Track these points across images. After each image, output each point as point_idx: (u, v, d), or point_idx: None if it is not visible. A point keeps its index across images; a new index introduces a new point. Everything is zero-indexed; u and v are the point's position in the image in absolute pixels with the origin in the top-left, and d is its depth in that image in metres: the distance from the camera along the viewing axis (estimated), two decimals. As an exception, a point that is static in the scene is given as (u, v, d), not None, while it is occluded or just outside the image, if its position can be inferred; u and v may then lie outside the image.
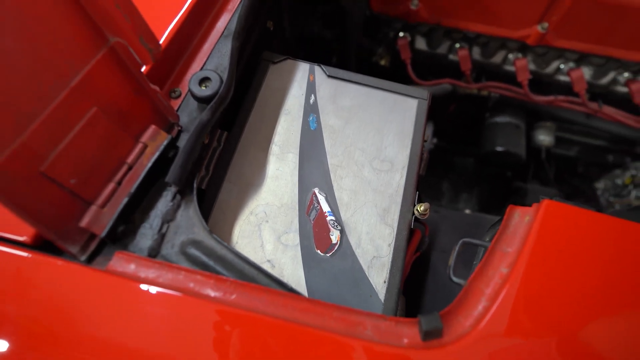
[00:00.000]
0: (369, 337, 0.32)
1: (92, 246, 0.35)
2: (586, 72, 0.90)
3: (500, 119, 1.04)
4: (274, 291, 0.33)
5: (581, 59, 0.88)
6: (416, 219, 0.49)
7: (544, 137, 1.07)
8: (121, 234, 0.36)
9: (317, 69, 0.57)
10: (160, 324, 0.32)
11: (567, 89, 0.92)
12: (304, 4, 0.76)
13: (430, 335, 0.32)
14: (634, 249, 0.36)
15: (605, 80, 0.91)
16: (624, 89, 0.90)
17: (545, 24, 0.80)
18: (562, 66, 0.91)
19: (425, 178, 0.55)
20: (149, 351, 0.31)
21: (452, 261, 0.38)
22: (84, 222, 0.34)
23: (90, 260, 0.35)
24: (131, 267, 0.34)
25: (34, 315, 0.32)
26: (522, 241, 0.36)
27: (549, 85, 0.96)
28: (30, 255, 0.33)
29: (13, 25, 0.29)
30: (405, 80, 0.97)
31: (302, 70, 0.57)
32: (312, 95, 0.55)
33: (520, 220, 0.38)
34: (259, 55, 0.56)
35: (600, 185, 1.15)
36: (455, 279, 0.37)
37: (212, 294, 0.32)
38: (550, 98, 0.93)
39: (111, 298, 0.33)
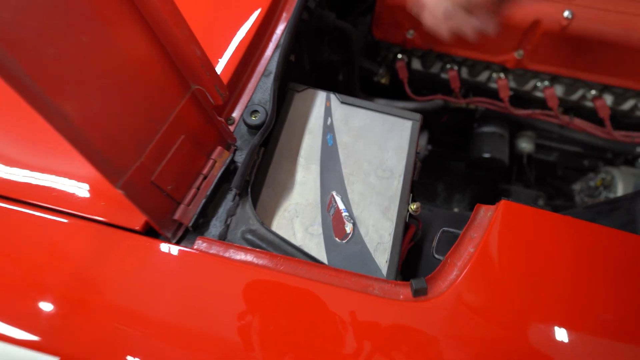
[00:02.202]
0: (376, 294, 0.46)
1: (180, 233, 0.50)
2: (558, 89, 1.05)
3: (487, 128, 1.19)
4: (309, 263, 0.48)
5: (553, 79, 1.02)
6: (411, 215, 0.64)
7: (525, 145, 1.22)
8: (199, 225, 0.51)
9: (332, 97, 0.71)
10: (231, 284, 0.46)
11: (543, 104, 1.07)
12: (317, 36, 0.91)
13: (418, 292, 0.47)
14: (569, 238, 0.51)
15: (575, 96, 1.06)
16: (591, 104, 1.05)
17: (521, 51, 0.94)
18: (538, 84, 1.06)
19: (422, 181, 0.69)
20: (226, 303, 0.45)
21: (434, 243, 0.53)
22: (176, 216, 0.49)
23: (179, 242, 0.49)
24: (209, 247, 0.48)
25: (142, 278, 0.47)
26: (484, 229, 0.51)
27: (527, 101, 1.11)
28: (140, 239, 0.48)
29: (138, 83, 0.44)
30: (403, 96, 1.12)
31: (320, 97, 0.71)
32: (329, 118, 0.69)
33: (485, 214, 0.53)
34: (284, 85, 0.71)
35: (576, 186, 1.29)
36: (436, 256, 0.52)
37: (268, 265, 0.47)
38: (529, 112, 1.08)
39: (195, 268, 0.47)
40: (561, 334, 0.45)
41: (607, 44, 0.84)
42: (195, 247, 0.48)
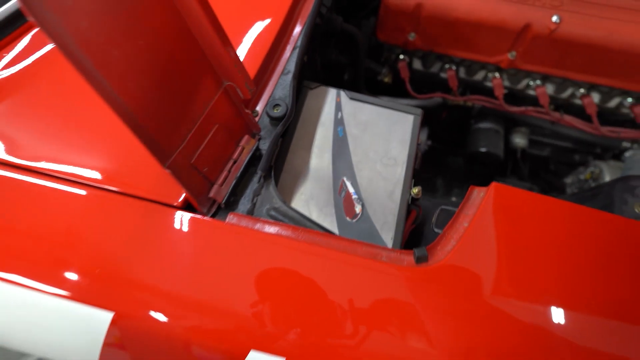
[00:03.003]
0: (383, 260, 0.54)
1: (213, 209, 0.58)
2: (549, 88, 1.13)
3: (483, 125, 1.27)
4: (326, 234, 0.56)
5: (544, 78, 1.10)
6: (413, 199, 0.71)
7: (519, 140, 1.30)
8: (230, 203, 0.59)
9: (342, 93, 0.79)
10: (260, 251, 0.54)
11: (535, 101, 1.15)
12: (325, 38, 0.99)
13: (420, 259, 0.55)
14: (552, 215, 0.58)
15: (564, 95, 1.14)
16: (580, 102, 1.13)
17: (514, 53, 1.02)
18: (530, 83, 1.14)
19: (422, 175, 0.76)
20: (256, 267, 0.53)
21: (434, 219, 0.61)
22: (211, 194, 0.56)
23: (213, 217, 0.57)
24: (239, 221, 0.56)
25: (183, 246, 0.55)
26: (476, 208, 0.59)
27: (521, 98, 1.19)
28: (179, 213, 0.56)
29: (181, 80, 0.51)
30: (404, 94, 1.20)
31: (331, 94, 0.79)
32: (339, 112, 0.77)
33: (477, 195, 0.61)
34: (300, 83, 0.79)
35: (568, 180, 1.37)
36: (436, 229, 0.60)
37: (291, 235, 0.55)
38: (522, 108, 1.16)
39: (229, 237, 0.55)
40: (538, 298, 0.52)
41: (593, 46, 0.92)
42: (227, 220, 0.56)
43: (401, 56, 1.16)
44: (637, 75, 0.97)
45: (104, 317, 0.53)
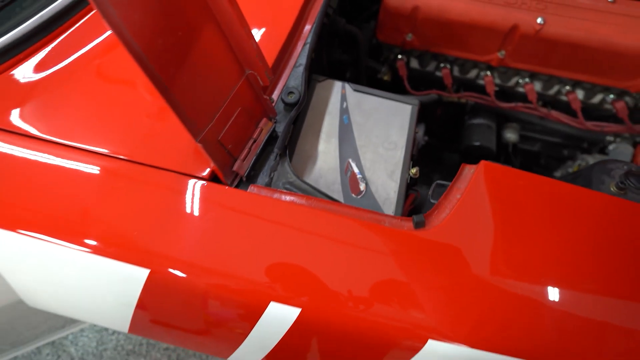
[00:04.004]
0: (386, 225, 0.62)
1: (236, 181, 0.65)
2: (537, 85, 1.22)
3: (476, 120, 1.35)
4: (336, 202, 0.64)
5: (532, 75, 1.19)
6: (411, 179, 0.79)
7: (511, 135, 1.38)
8: (250, 177, 0.66)
9: (347, 86, 0.88)
10: (279, 216, 0.62)
11: (524, 98, 1.23)
12: (331, 38, 1.08)
13: (418, 225, 0.62)
14: (535, 189, 0.66)
15: (551, 91, 1.22)
16: (565, 98, 1.21)
17: (503, 52, 1.11)
18: (519, 81, 1.22)
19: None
20: (277, 230, 0.61)
21: (430, 191, 0.69)
22: (234, 167, 0.64)
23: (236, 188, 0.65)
24: (260, 191, 0.64)
25: (211, 212, 0.62)
26: (467, 182, 0.67)
27: (511, 95, 1.27)
28: (207, 184, 0.64)
29: (210, 67, 0.59)
30: (402, 90, 1.28)
31: (337, 86, 0.88)
32: (344, 102, 0.85)
33: (468, 171, 0.69)
34: (309, 76, 0.87)
35: (557, 174, 1.45)
36: (432, 200, 0.67)
37: (306, 203, 0.63)
38: (512, 104, 1.24)
39: (251, 205, 0.63)
40: (523, 259, 0.60)
41: (573, 45, 1.01)
42: (249, 191, 0.64)
43: (399, 56, 1.25)
44: (614, 72, 1.06)
45: (140, 274, 0.60)
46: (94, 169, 0.65)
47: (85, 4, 0.81)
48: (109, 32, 0.80)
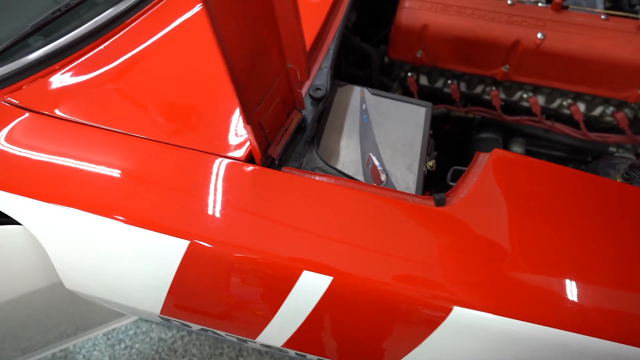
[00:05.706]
0: (410, 202, 0.67)
1: (268, 163, 0.71)
2: (540, 99, 1.29)
3: (483, 135, 1.42)
4: (362, 182, 0.69)
5: (535, 89, 1.27)
6: (428, 171, 0.85)
7: (517, 149, 1.44)
8: (282, 161, 0.72)
9: (365, 90, 0.95)
10: (312, 192, 0.67)
11: (529, 111, 1.31)
12: (347, 54, 1.17)
13: (439, 202, 0.67)
14: (544, 173, 0.71)
15: (554, 105, 1.30)
16: (568, 111, 1.29)
17: (507, 66, 1.20)
18: (524, 95, 1.30)
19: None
20: (309, 205, 0.66)
21: (449, 175, 0.74)
22: (269, 151, 0.70)
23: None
24: (293, 172, 0.70)
25: (250, 188, 0.67)
26: (482, 167, 0.72)
27: (516, 109, 1.35)
28: (245, 164, 0.69)
29: (263, 57, 0.67)
30: (413, 106, 1.36)
31: (356, 90, 0.95)
32: (364, 104, 0.93)
33: (483, 158, 0.74)
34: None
35: (563, 186, 1.50)
36: (450, 182, 0.73)
37: (335, 182, 0.68)
38: (517, 118, 1.32)
39: (285, 183, 0.68)
40: (533, 233, 0.64)
41: (572, 58, 1.10)
42: (281, 171, 0.70)
43: (409, 73, 1.34)
44: (612, 83, 1.14)
45: (178, 247, 0.65)
46: (145, 152, 0.71)
47: (134, 13, 0.91)
48: (156, 36, 0.89)
